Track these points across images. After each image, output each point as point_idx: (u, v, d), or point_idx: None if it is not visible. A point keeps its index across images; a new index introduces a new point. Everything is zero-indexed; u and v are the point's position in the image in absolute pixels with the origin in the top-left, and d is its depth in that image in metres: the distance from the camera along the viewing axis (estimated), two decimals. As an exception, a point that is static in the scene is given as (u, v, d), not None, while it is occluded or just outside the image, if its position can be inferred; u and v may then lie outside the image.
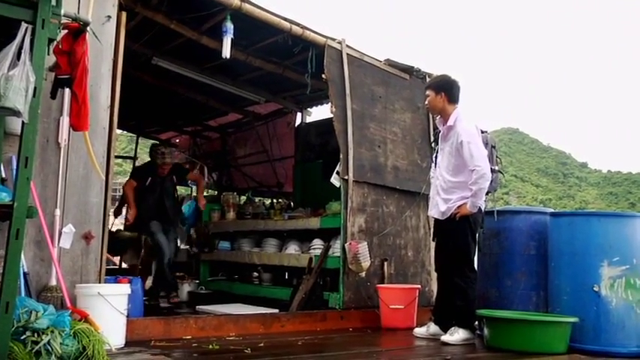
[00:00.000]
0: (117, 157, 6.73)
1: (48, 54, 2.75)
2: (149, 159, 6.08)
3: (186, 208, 7.13)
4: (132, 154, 9.53)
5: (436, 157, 4.39)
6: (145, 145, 9.55)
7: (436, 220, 4.31)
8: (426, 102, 4.32)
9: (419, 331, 4.34)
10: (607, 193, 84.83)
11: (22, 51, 2.58)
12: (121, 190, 6.94)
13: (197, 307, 5.21)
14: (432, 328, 4.24)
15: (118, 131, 4.16)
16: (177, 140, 9.21)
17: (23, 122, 2.60)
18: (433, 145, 5.12)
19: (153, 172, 5.82)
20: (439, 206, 4.18)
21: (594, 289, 3.81)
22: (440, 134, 4.31)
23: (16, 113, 2.57)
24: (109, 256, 6.16)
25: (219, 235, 6.72)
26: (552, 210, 4.58)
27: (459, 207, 4.05)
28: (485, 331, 3.93)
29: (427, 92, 4.29)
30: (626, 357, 3.71)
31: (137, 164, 8.31)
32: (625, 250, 3.85)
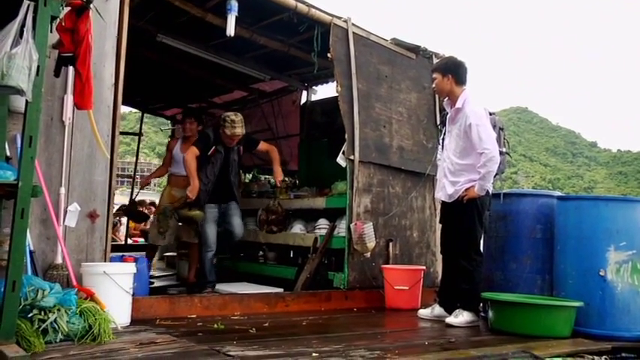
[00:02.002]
0: (122, 133, 6.70)
1: (51, 32, 2.72)
2: (153, 135, 5.99)
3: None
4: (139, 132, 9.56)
5: (443, 139, 4.35)
6: (152, 123, 9.53)
7: (443, 203, 4.29)
8: (434, 85, 4.27)
9: (423, 312, 4.35)
10: (616, 172, 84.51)
11: (25, 29, 2.56)
12: (132, 169, 6.83)
13: (202, 285, 5.23)
14: (437, 309, 4.25)
15: (125, 109, 4.08)
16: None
17: (27, 101, 2.58)
18: (440, 127, 5.07)
19: (218, 141, 5.09)
20: (446, 189, 4.15)
21: (600, 273, 3.80)
22: (448, 116, 4.26)
23: (19, 92, 2.55)
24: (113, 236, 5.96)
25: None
26: (559, 193, 4.55)
27: (466, 190, 4.02)
28: (490, 313, 3.93)
29: (434, 75, 4.24)
30: (631, 341, 3.70)
31: (134, 138, 8.36)
32: (632, 234, 3.82)
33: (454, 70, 4.16)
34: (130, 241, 9.54)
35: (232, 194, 5.20)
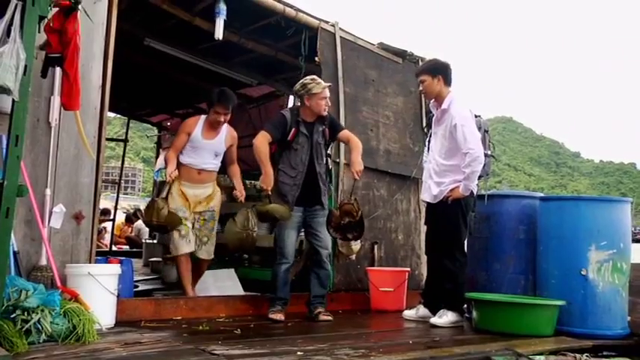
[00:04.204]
0: (107, 139, 6.65)
1: (39, 32, 2.73)
2: (138, 140, 5.73)
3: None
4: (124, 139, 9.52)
5: (429, 141, 4.39)
6: (137, 128, 9.51)
7: (428, 204, 4.32)
8: (422, 87, 4.26)
9: (408, 313, 4.38)
10: (599, 182, 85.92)
11: (12, 28, 2.56)
12: (117, 173, 6.66)
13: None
14: (421, 310, 4.28)
15: (110, 114, 3.99)
16: (169, 123, 9.15)
17: (13, 100, 2.59)
18: (426, 129, 5.12)
19: (297, 122, 4.11)
20: (431, 189, 4.19)
21: (582, 272, 3.86)
22: (433, 118, 4.31)
23: (6, 91, 2.55)
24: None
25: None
26: (542, 194, 4.61)
27: (451, 190, 4.06)
28: (474, 313, 3.98)
29: (423, 77, 4.22)
30: (612, 339, 3.77)
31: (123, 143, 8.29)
32: (612, 234, 3.90)
33: (443, 71, 4.19)
34: (114, 248, 9.50)
35: (319, 194, 4.13)
